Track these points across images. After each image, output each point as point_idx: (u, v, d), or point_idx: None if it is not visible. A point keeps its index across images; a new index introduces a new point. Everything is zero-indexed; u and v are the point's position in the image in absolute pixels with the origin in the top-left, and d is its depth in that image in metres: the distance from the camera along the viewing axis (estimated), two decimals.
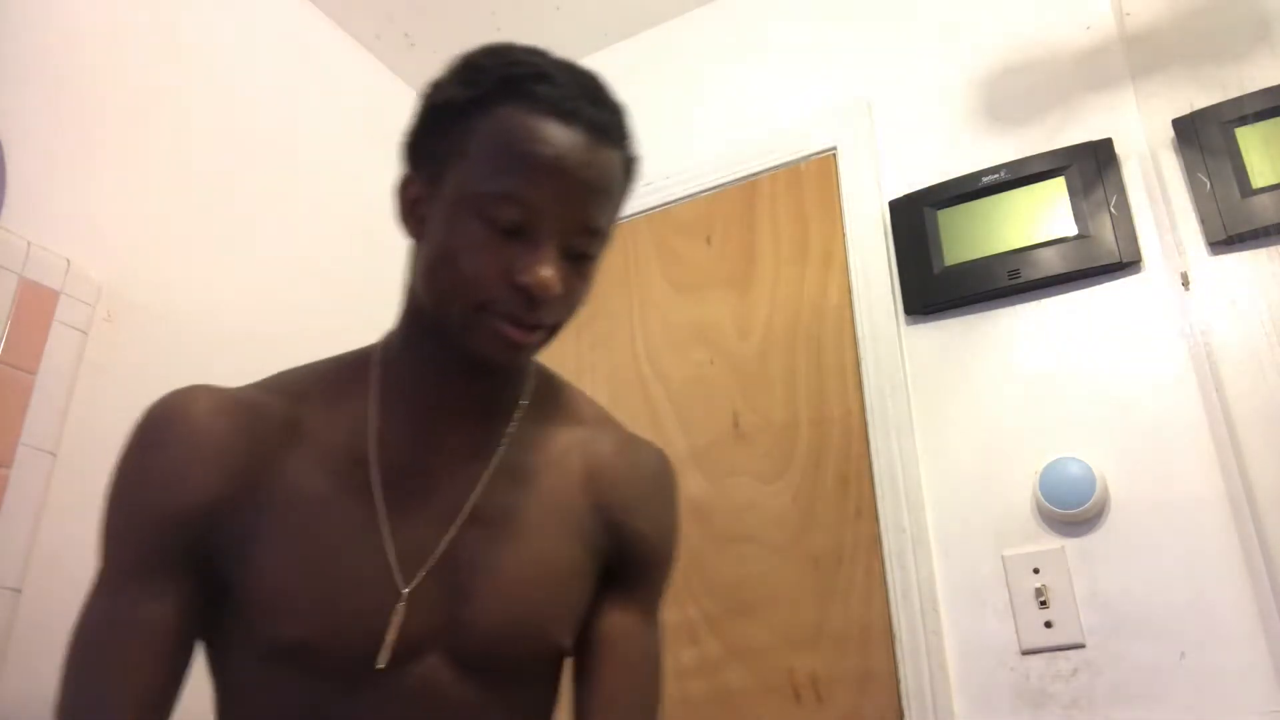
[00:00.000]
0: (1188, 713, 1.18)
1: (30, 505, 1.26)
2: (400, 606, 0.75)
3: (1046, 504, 1.33)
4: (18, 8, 1.42)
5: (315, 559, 0.75)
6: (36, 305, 1.32)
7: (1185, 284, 1.36)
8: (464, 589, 0.78)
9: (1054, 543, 1.33)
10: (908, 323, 1.57)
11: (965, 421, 1.46)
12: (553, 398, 0.91)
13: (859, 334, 1.59)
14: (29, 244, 1.33)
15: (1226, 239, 1.33)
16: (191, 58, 1.69)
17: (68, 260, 1.37)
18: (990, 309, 1.50)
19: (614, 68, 2.30)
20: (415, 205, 0.81)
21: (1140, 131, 1.47)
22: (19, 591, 1.23)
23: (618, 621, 0.87)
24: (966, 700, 1.32)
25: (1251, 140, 1.35)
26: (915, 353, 1.54)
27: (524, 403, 0.88)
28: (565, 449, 0.88)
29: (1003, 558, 1.35)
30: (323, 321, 1.85)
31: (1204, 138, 1.38)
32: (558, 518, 0.84)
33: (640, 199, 1.92)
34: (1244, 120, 1.36)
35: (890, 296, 1.58)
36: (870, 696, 1.39)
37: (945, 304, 1.53)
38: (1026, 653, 1.30)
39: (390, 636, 0.74)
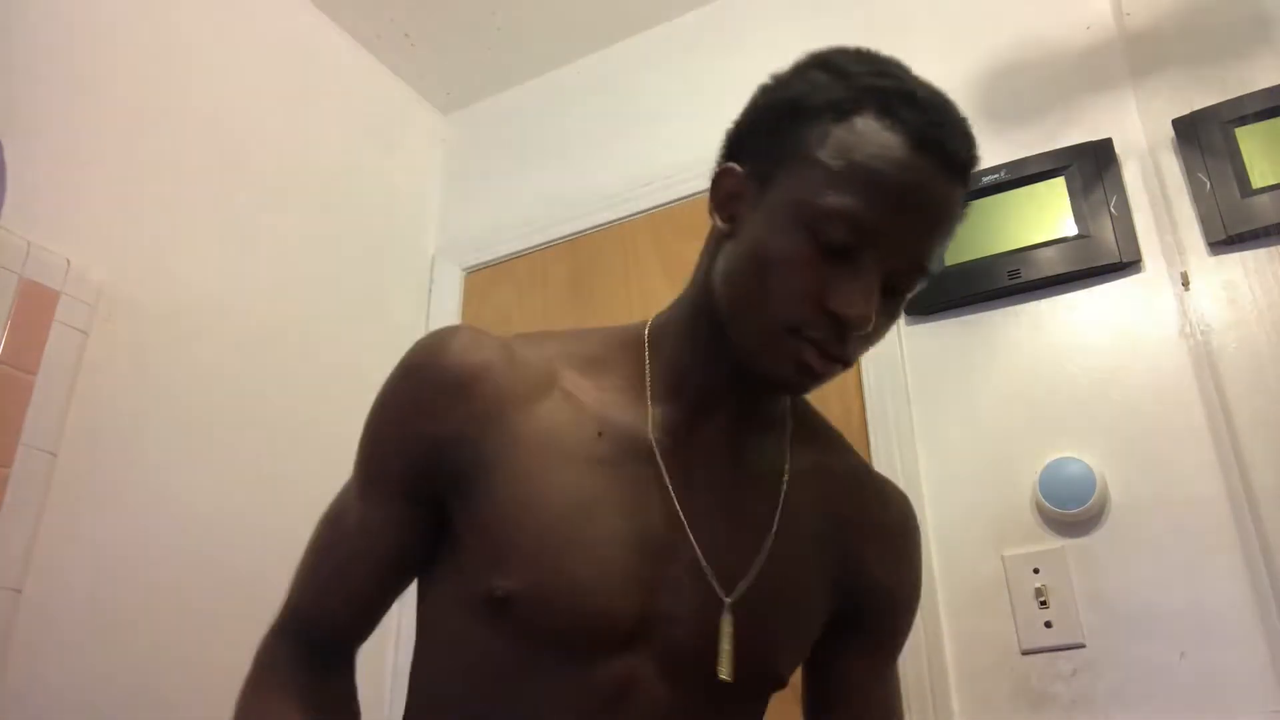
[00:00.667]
0: (1188, 713, 1.18)
1: (30, 505, 1.26)
2: (729, 619, 0.73)
3: (1046, 504, 1.33)
4: (18, 8, 1.42)
5: (558, 518, 0.72)
6: (36, 305, 1.32)
7: (1185, 284, 1.36)
8: (744, 609, 0.74)
9: (1054, 543, 1.33)
10: (908, 323, 1.56)
11: (965, 421, 1.46)
12: (807, 418, 0.88)
13: None
14: (29, 244, 1.33)
15: (1226, 239, 1.33)
16: (191, 58, 1.69)
17: (68, 260, 1.38)
18: (990, 309, 1.50)
19: (614, 67, 2.31)
20: (731, 200, 0.77)
21: (1140, 131, 1.47)
22: (19, 591, 1.23)
23: (864, 675, 0.86)
24: (966, 700, 1.32)
25: (1251, 140, 1.35)
26: (915, 353, 1.54)
27: (789, 421, 0.85)
28: (818, 475, 0.84)
29: (1003, 558, 1.35)
30: (323, 321, 1.85)
31: (1204, 138, 1.38)
32: (812, 550, 0.81)
33: (640, 199, 1.92)
34: (1244, 120, 1.36)
35: None
36: None
37: (945, 304, 1.53)
38: (1026, 653, 1.30)
39: (726, 648, 0.72)
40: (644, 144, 1.98)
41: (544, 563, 0.71)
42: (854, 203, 0.67)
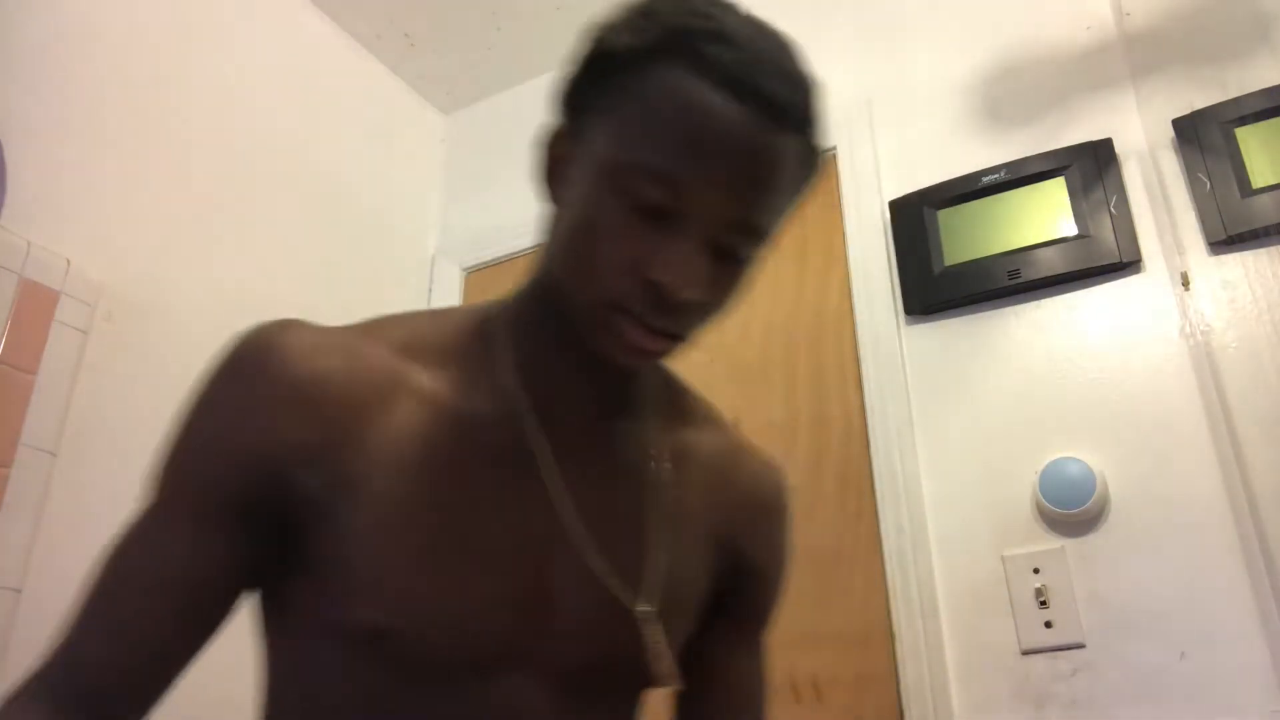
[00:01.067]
0: (1188, 713, 1.18)
1: (30, 505, 1.26)
2: (657, 627, 0.67)
3: (1046, 504, 1.33)
4: (18, 8, 1.42)
5: (429, 538, 0.64)
6: (36, 305, 1.32)
7: (1185, 284, 1.36)
8: (663, 608, 0.69)
9: (1054, 543, 1.33)
10: (908, 323, 1.56)
11: (965, 421, 1.46)
12: (672, 391, 0.82)
13: (859, 334, 1.59)
14: (29, 244, 1.33)
15: (1226, 239, 1.33)
16: (192, 58, 1.69)
17: (68, 260, 1.38)
18: (990, 309, 1.50)
19: None
20: (559, 164, 0.69)
21: (1140, 131, 1.47)
22: (19, 591, 1.23)
23: (732, 656, 0.81)
24: (966, 700, 1.32)
25: (1251, 140, 1.35)
26: (915, 353, 1.54)
27: (648, 398, 0.77)
28: (687, 453, 0.78)
29: (1003, 558, 1.35)
30: (323, 321, 1.85)
31: (1204, 138, 1.38)
32: (690, 534, 0.75)
33: None
34: (1244, 120, 1.36)
35: (890, 296, 1.58)
36: (870, 696, 1.39)
37: (945, 304, 1.53)
38: (1026, 653, 1.30)
39: (665, 657, 0.67)
40: None
41: (418, 589, 0.63)
42: (662, 157, 0.60)
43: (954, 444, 1.46)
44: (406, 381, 0.68)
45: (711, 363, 1.74)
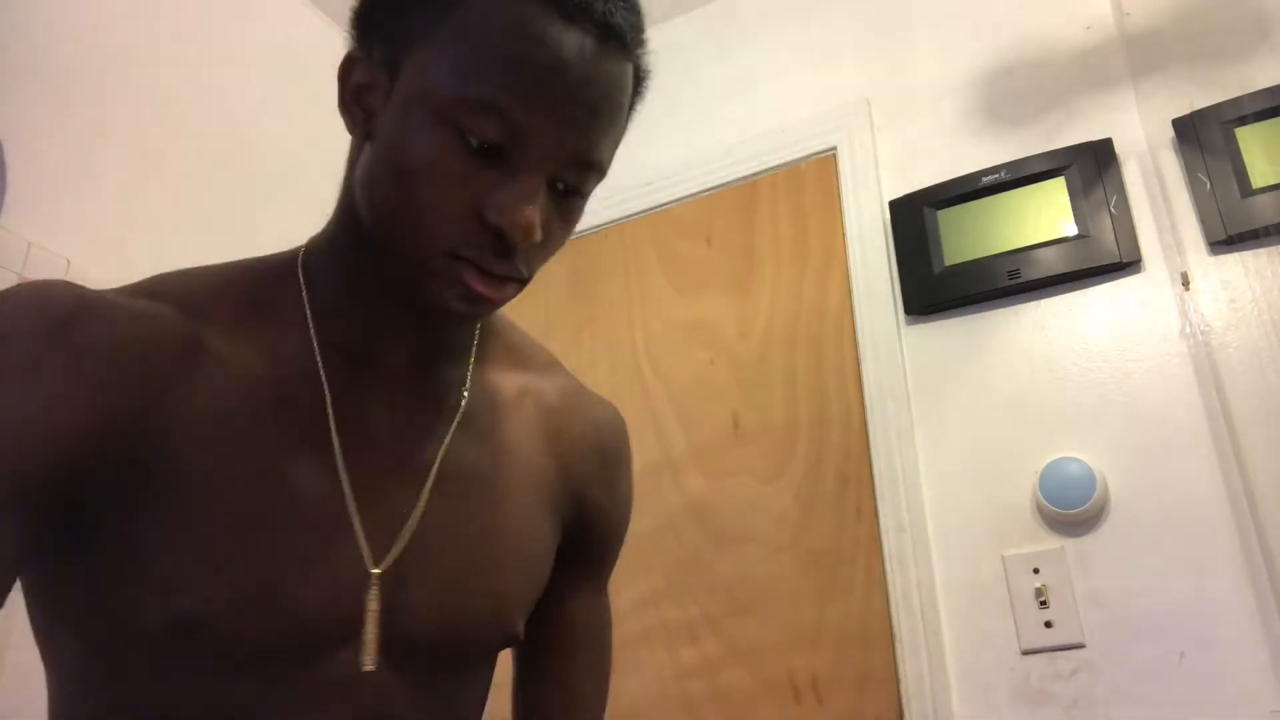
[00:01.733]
0: (1188, 713, 1.18)
1: None
2: (374, 591, 0.60)
3: (1046, 504, 1.33)
4: (18, 8, 1.42)
5: (240, 516, 0.58)
6: None
7: (1185, 284, 1.36)
8: (421, 570, 0.63)
9: (1054, 543, 1.33)
10: (908, 323, 1.56)
11: (965, 421, 1.46)
12: (498, 336, 0.76)
13: (859, 334, 1.59)
14: (29, 244, 1.33)
15: (1226, 239, 1.33)
16: (191, 58, 1.70)
17: (68, 260, 1.38)
18: (990, 309, 1.50)
19: None
20: (361, 93, 0.64)
21: (1140, 131, 1.47)
22: (19, 591, 1.23)
23: (580, 606, 0.77)
24: (966, 700, 1.32)
25: (1251, 140, 1.35)
26: (915, 353, 1.54)
27: (474, 344, 0.72)
28: (519, 399, 0.73)
29: (1003, 558, 1.35)
30: None
31: (1204, 138, 1.38)
32: (525, 484, 0.70)
33: (640, 199, 1.92)
34: (1244, 120, 1.36)
35: (890, 296, 1.58)
36: (870, 696, 1.39)
37: (945, 304, 1.53)
38: (1026, 653, 1.30)
39: (371, 629, 0.60)
40: (644, 144, 1.98)
41: (229, 576, 0.57)
42: (495, 93, 0.55)
43: (954, 444, 1.46)
44: (202, 344, 0.61)
45: (711, 363, 1.74)
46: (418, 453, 0.65)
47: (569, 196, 0.60)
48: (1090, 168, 1.47)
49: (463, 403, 0.69)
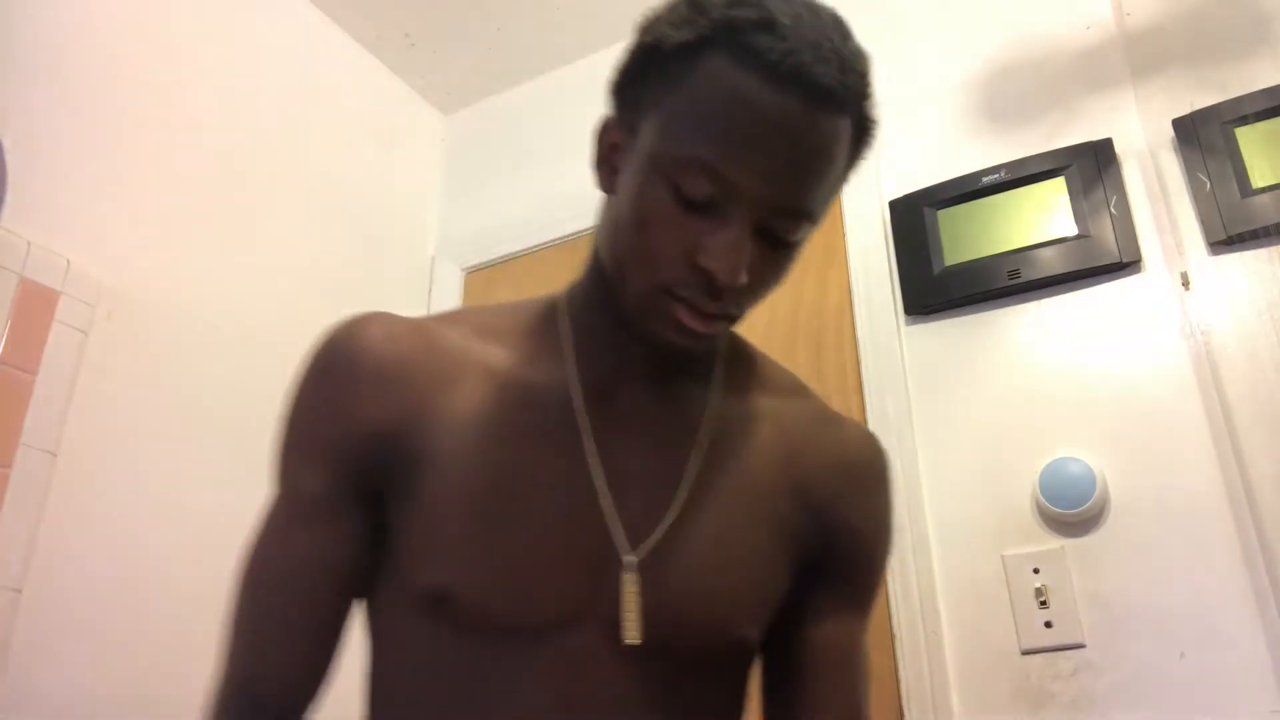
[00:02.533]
0: (1188, 713, 1.18)
1: (30, 505, 1.26)
2: (634, 576, 0.67)
3: (1046, 504, 1.33)
4: (18, 8, 1.42)
5: (487, 498, 0.68)
6: (36, 305, 1.32)
7: (1185, 284, 1.36)
8: (668, 565, 0.69)
9: (1054, 543, 1.33)
10: (908, 323, 1.56)
11: (965, 421, 1.46)
12: (745, 364, 0.82)
13: (859, 334, 1.59)
14: (29, 244, 1.33)
15: (1226, 239, 1.33)
16: (192, 58, 1.69)
17: (68, 260, 1.38)
18: (990, 309, 1.50)
19: (614, 68, 2.30)
20: (611, 153, 0.71)
21: (1140, 131, 1.47)
22: (19, 591, 1.23)
23: (827, 628, 0.77)
24: (966, 700, 1.32)
25: (1251, 140, 1.35)
26: (915, 353, 1.54)
27: (718, 370, 0.79)
28: (760, 421, 0.78)
29: (1003, 558, 1.35)
30: (323, 321, 1.85)
31: (1204, 138, 1.38)
32: (759, 500, 0.75)
33: None
34: (1244, 120, 1.36)
35: (890, 296, 1.58)
36: (870, 696, 1.39)
37: (945, 304, 1.53)
38: (1026, 653, 1.30)
39: (632, 608, 0.67)
40: None
41: (475, 552, 0.67)
42: (706, 151, 0.62)
43: (954, 444, 1.46)
44: (476, 358, 0.73)
45: None
46: (666, 464, 0.73)
47: (780, 245, 0.67)
48: (1090, 168, 1.47)
49: (710, 424, 0.76)
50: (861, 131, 0.71)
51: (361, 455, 0.70)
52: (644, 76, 0.67)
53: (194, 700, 0.89)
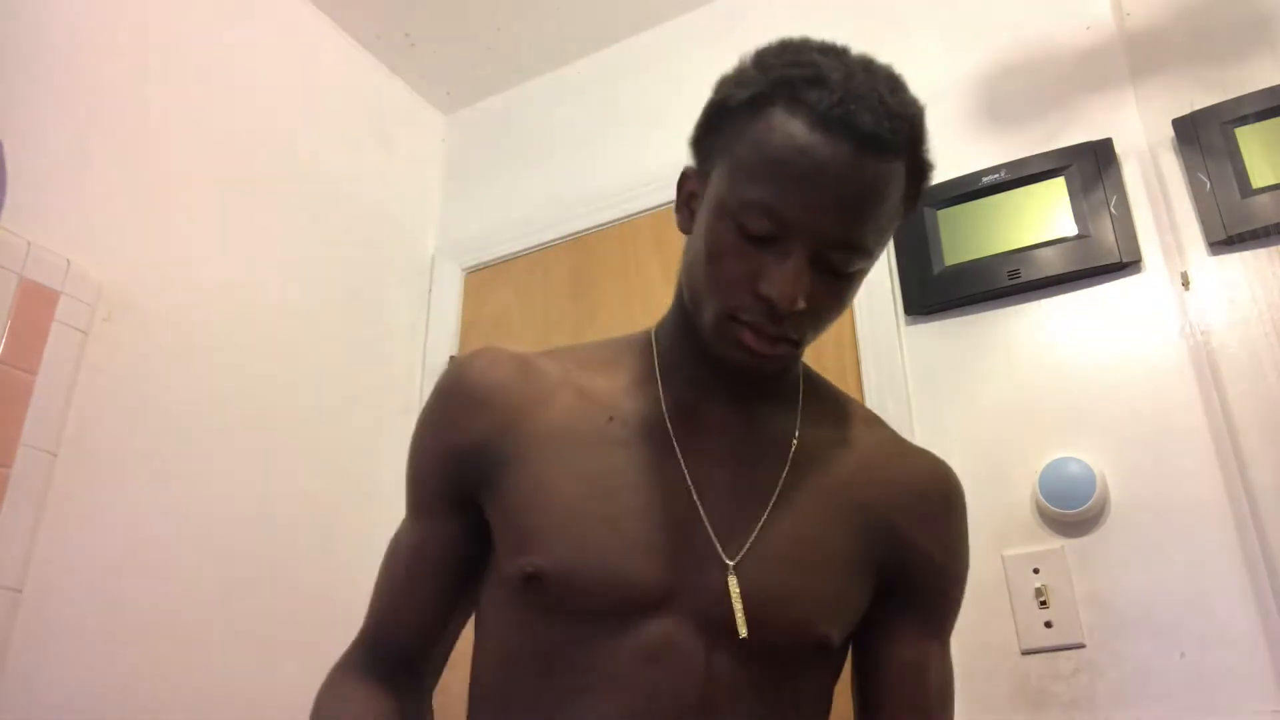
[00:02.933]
0: (1188, 713, 1.18)
1: (30, 505, 1.26)
2: (734, 580, 0.75)
3: (1046, 504, 1.33)
4: (18, 8, 1.42)
5: (591, 495, 0.78)
6: (36, 305, 1.32)
7: (1185, 284, 1.36)
8: (757, 567, 0.76)
9: (1054, 543, 1.33)
10: (908, 323, 1.56)
11: (965, 421, 1.46)
12: (824, 396, 0.91)
13: (859, 334, 1.59)
14: (29, 244, 1.33)
15: (1226, 239, 1.33)
16: (191, 58, 1.69)
17: (68, 260, 1.38)
18: (990, 309, 1.50)
19: (614, 68, 2.31)
20: (690, 200, 0.83)
21: (1140, 131, 1.47)
22: (19, 591, 1.23)
23: (906, 649, 0.84)
24: (966, 700, 1.31)
25: (1251, 140, 1.35)
26: (915, 353, 1.54)
27: (799, 399, 0.88)
28: (840, 447, 0.86)
29: (1003, 558, 1.35)
30: (323, 321, 1.85)
31: (1204, 138, 1.38)
32: (834, 513, 0.82)
33: (640, 199, 1.92)
34: (1244, 120, 1.36)
35: (890, 296, 1.58)
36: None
37: (945, 304, 1.53)
38: (1026, 653, 1.30)
39: (737, 608, 0.74)
40: (644, 143, 1.98)
41: (566, 538, 0.76)
42: (765, 193, 0.71)
43: (954, 444, 1.46)
44: (571, 382, 0.84)
45: None
46: (753, 477, 0.81)
47: (839, 277, 0.75)
48: (1090, 168, 1.47)
49: (794, 444, 0.84)
50: (917, 173, 0.79)
51: (460, 464, 0.82)
52: (715, 130, 0.78)
53: (192, 699, 0.89)
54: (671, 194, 0.87)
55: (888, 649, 0.84)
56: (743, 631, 0.73)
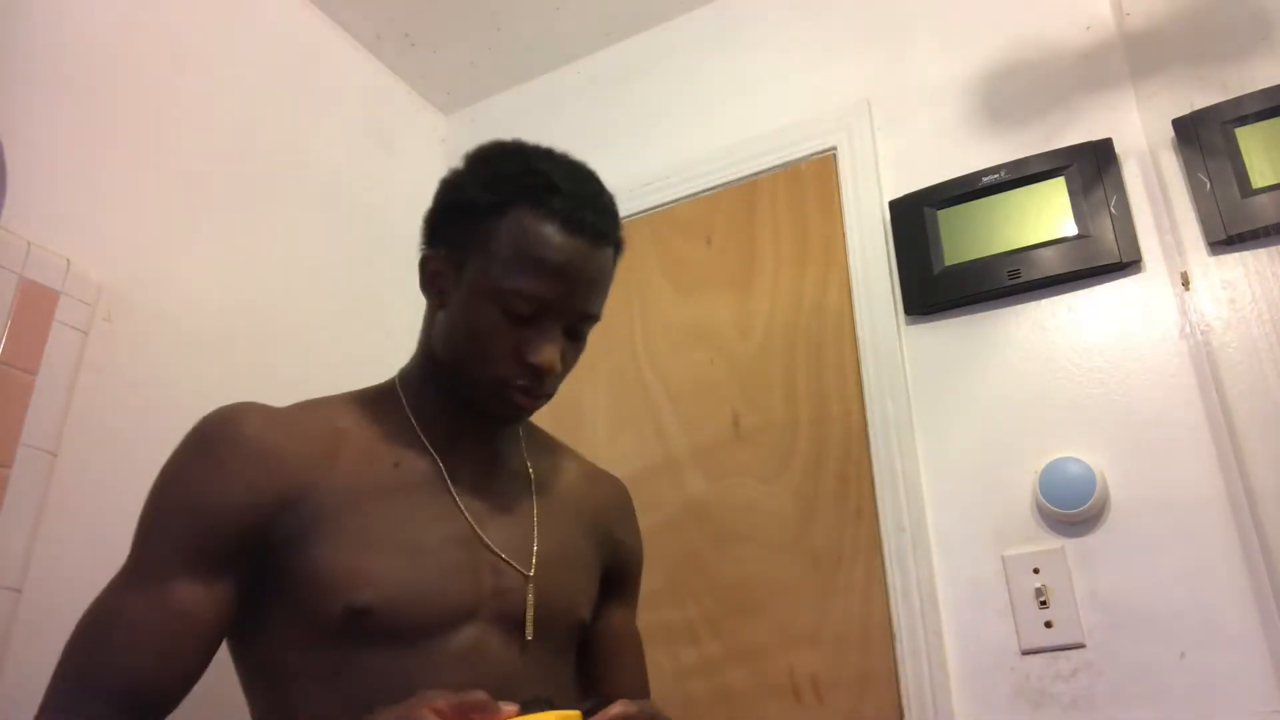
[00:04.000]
0: (1188, 713, 1.18)
1: (30, 505, 1.26)
2: (530, 586, 0.95)
3: (1046, 504, 1.33)
4: (18, 8, 1.42)
5: (398, 535, 0.90)
6: (36, 305, 1.32)
7: (1185, 284, 1.36)
8: (541, 575, 0.97)
9: (1054, 543, 1.33)
10: (908, 323, 1.57)
11: (965, 421, 1.46)
12: (533, 431, 1.12)
13: (859, 334, 1.59)
14: (29, 244, 1.33)
15: (1226, 239, 1.33)
16: (191, 58, 1.69)
17: (68, 260, 1.38)
18: (990, 309, 1.50)
19: (614, 67, 2.31)
20: (435, 278, 0.96)
21: (1140, 131, 1.47)
22: (19, 591, 1.23)
23: (623, 621, 1.14)
24: (966, 700, 1.32)
25: (1251, 140, 1.35)
26: (915, 353, 1.54)
27: (521, 433, 1.09)
28: (559, 470, 1.10)
29: (1003, 558, 1.35)
30: (322, 321, 1.85)
31: (1204, 138, 1.38)
32: (575, 522, 1.06)
33: (640, 199, 1.92)
34: (1244, 120, 1.36)
35: (890, 296, 1.58)
36: (870, 696, 1.39)
37: (945, 304, 1.53)
38: (1026, 653, 1.30)
39: (530, 613, 0.93)
40: (644, 144, 1.98)
41: (389, 574, 0.86)
42: (527, 283, 0.89)
43: (954, 444, 1.46)
44: (345, 439, 0.94)
45: (711, 363, 1.74)
46: (513, 500, 1.01)
47: (578, 339, 0.97)
48: (1090, 168, 1.47)
49: (531, 472, 1.06)
50: (619, 249, 0.99)
51: (259, 519, 0.86)
52: (461, 224, 0.93)
53: (192, 699, 0.89)
54: (672, 194, 1.05)
55: (606, 625, 1.10)
56: (530, 635, 0.93)
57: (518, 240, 0.89)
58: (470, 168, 0.97)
